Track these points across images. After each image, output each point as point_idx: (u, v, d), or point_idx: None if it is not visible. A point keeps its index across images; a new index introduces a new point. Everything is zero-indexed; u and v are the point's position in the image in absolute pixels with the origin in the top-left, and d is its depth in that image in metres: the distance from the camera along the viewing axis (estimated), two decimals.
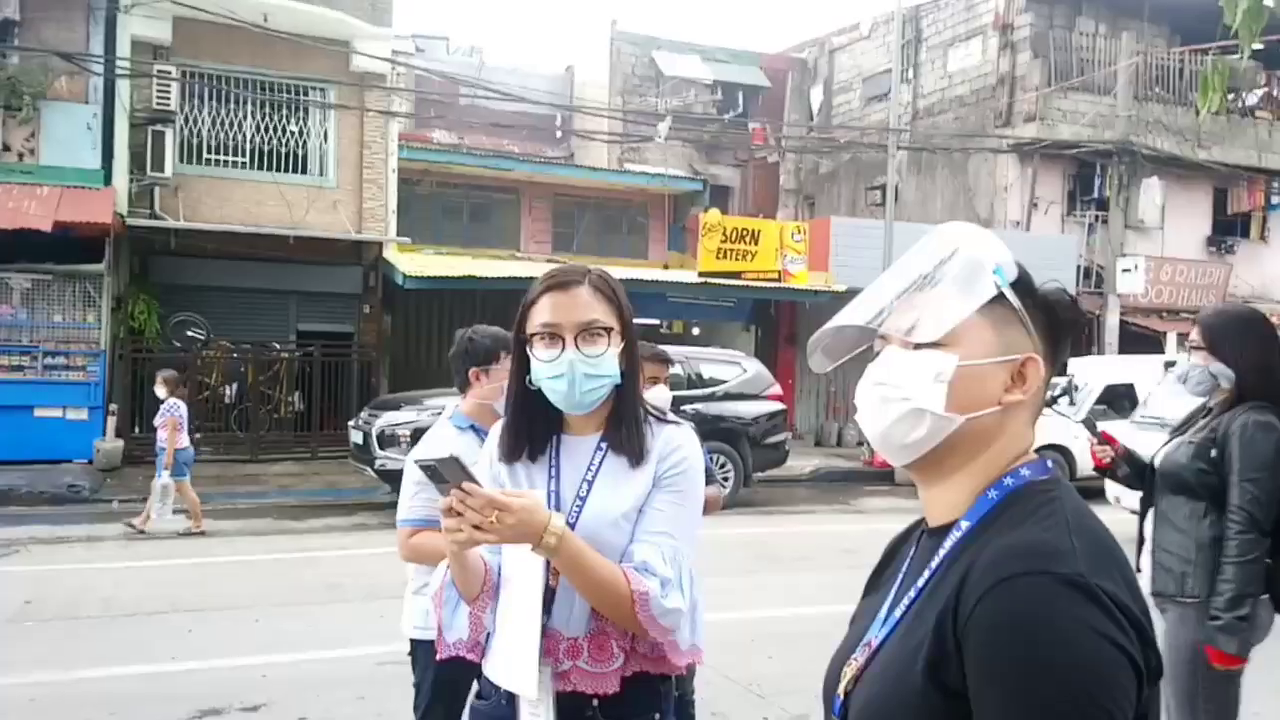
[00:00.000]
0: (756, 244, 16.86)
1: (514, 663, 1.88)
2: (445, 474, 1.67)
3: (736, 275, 16.72)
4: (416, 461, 1.72)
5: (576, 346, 1.89)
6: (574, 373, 1.89)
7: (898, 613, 1.21)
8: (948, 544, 1.19)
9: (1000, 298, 1.20)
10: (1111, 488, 10.02)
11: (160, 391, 9.74)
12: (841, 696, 1.24)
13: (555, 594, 1.90)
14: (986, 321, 1.20)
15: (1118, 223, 19.06)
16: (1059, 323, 1.25)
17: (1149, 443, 3.45)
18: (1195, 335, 3.14)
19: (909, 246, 1.27)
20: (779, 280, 16.87)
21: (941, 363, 1.19)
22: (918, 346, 1.21)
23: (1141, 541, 3.26)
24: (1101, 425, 3.71)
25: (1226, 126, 19.81)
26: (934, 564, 1.19)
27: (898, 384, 1.22)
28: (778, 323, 18.86)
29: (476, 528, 1.69)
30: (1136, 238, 19.34)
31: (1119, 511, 9.97)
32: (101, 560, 8.44)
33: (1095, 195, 19.52)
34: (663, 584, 1.83)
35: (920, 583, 1.20)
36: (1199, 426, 3.16)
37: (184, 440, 9.68)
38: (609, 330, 1.93)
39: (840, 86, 24.03)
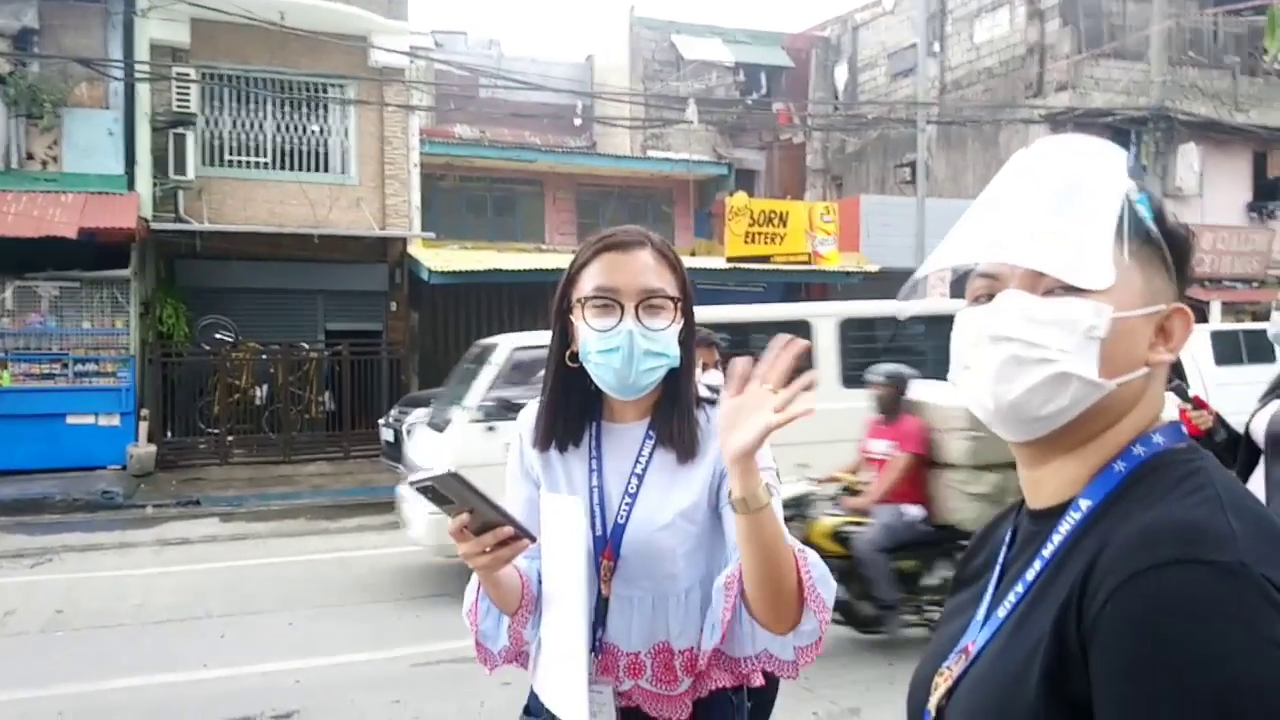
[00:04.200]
0: (785, 226, 16.58)
1: (562, 688, 1.66)
2: (447, 494, 1.44)
3: (766, 259, 16.46)
4: (411, 483, 1.46)
5: (637, 317, 1.63)
6: (632, 347, 1.62)
7: (1001, 612, 0.99)
8: (1064, 528, 0.97)
9: (1144, 234, 0.98)
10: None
11: None
12: (933, 712, 1.02)
13: (609, 604, 1.68)
14: (1134, 263, 0.97)
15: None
16: (1186, 263, 1.03)
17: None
18: None
19: (942, 223, 1.05)
20: (809, 262, 16.58)
21: (1094, 314, 0.95)
22: (1048, 292, 0.97)
23: None
24: None
25: (1264, 88, 19.28)
26: (1046, 553, 0.97)
27: (1035, 340, 0.96)
28: None
29: (502, 544, 1.50)
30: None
31: None
32: (134, 567, 8.36)
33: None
34: None
35: (1029, 576, 0.98)
36: None
37: None
38: (673, 302, 1.67)
39: (865, 63, 23.64)
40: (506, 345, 7.67)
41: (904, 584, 5.52)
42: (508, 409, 7.18)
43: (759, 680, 1.72)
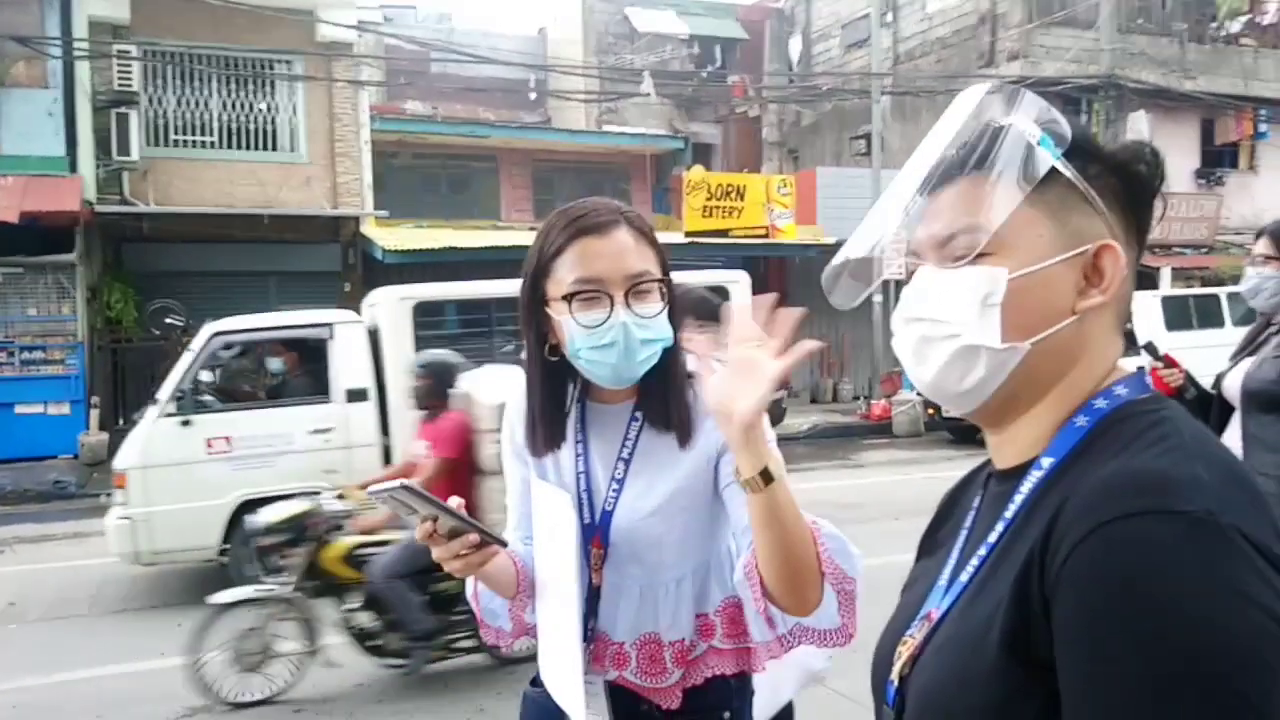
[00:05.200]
0: (742, 200, 16.58)
1: (559, 678, 1.63)
2: (409, 504, 1.41)
3: (724, 233, 16.45)
4: (370, 494, 1.40)
5: (627, 305, 1.52)
6: (628, 340, 1.52)
7: (963, 577, 0.97)
8: (1025, 487, 0.94)
9: (1054, 174, 0.93)
10: None
11: None
12: (896, 681, 0.99)
13: (601, 593, 1.64)
14: (1039, 212, 0.93)
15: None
16: (1140, 188, 0.96)
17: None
18: (1265, 247, 2.97)
19: None
20: (767, 236, 16.60)
21: (988, 280, 0.92)
22: (956, 260, 0.95)
23: None
24: None
25: (1211, 55, 19.52)
26: (1008, 514, 0.94)
27: (938, 316, 0.95)
28: (767, 279, 18.59)
29: (474, 548, 1.47)
30: None
31: None
32: (88, 556, 8.20)
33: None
34: None
35: (992, 539, 0.95)
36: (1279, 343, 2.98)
37: None
38: (659, 284, 1.57)
39: (819, 34, 23.62)
40: (205, 332, 6.98)
41: (443, 609, 4.84)
42: (204, 400, 6.73)
43: (765, 667, 1.69)
